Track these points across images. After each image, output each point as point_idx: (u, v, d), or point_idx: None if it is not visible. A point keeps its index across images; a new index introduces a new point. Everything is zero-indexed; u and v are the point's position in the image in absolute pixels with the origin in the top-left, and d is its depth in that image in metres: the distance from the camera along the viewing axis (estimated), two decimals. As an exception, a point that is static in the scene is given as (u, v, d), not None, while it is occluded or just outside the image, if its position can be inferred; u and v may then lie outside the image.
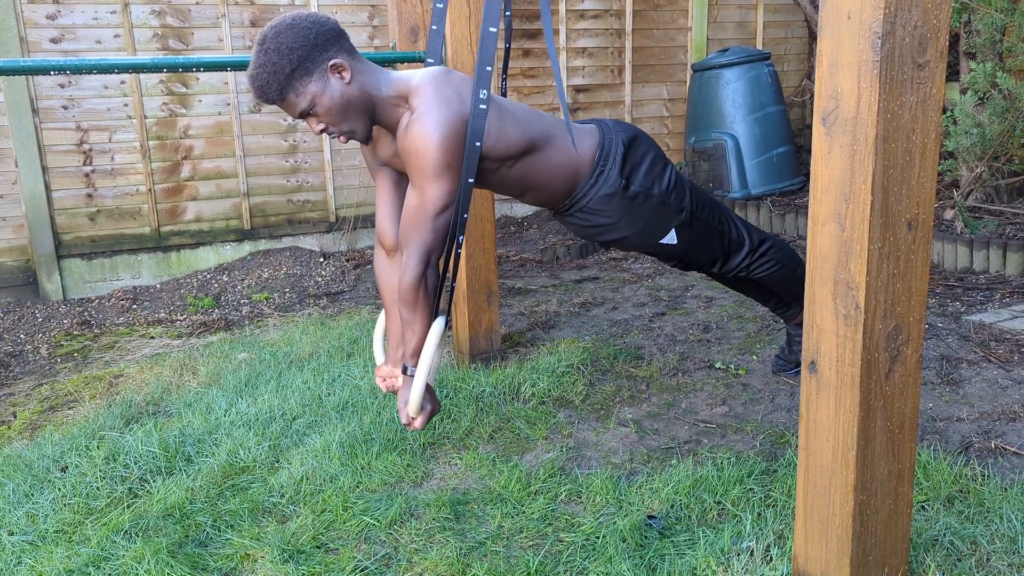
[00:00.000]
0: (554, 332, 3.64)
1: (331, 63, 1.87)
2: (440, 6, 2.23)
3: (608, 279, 4.58)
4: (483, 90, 1.94)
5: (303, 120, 1.95)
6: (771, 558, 1.90)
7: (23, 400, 3.37)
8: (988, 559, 1.88)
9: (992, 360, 2.99)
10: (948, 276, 4.10)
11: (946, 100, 4.56)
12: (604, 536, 2.05)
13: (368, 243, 5.52)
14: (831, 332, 1.60)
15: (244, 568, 2.05)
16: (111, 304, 4.62)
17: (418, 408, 1.97)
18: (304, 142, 5.31)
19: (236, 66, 2.73)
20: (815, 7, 6.05)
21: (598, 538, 2.05)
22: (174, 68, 2.64)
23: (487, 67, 1.95)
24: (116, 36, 4.74)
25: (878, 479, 1.63)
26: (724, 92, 5.69)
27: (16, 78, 4.48)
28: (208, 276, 4.98)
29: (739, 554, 1.92)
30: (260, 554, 2.08)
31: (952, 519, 2.01)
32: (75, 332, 4.27)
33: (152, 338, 4.10)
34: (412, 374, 2.00)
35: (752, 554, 1.91)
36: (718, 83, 5.72)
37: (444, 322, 2.00)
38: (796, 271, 2.56)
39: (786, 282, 2.58)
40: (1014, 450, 2.37)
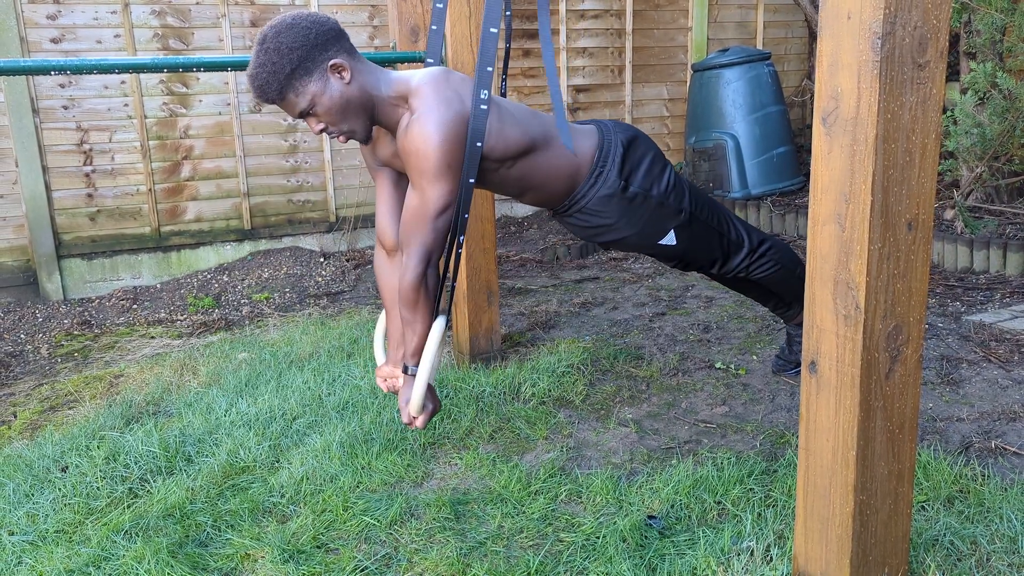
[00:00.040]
0: (554, 332, 3.64)
1: (331, 63, 1.87)
2: (440, 6, 2.23)
3: (608, 279, 4.58)
4: (484, 91, 1.94)
5: (303, 120, 1.95)
6: (771, 558, 1.90)
7: (23, 400, 3.37)
8: (988, 559, 1.88)
9: (992, 360, 2.99)
10: (948, 276, 4.10)
11: (946, 100, 4.56)
12: (604, 536, 2.05)
13: (368, 243, 5.52)
14: (831, 332, 1.60)
15: (244, 568, 2.05)
16: (111, 304, 4.63)
17: (419, 407, 1.97)
18: (304, 142, 5.31)
19: (236, 66, 2.73)
20: (815, 7, 6.05)
21: (598, 538, 2.06)
22: (174, 68, 2.64)
23: (488, 67, 1.95)
24: (116, 36, 4.74)
25: (878, 479, 1.64)
26: (724, 92, 5.70)
27: (16, 78, 4.48)
28: (208, 276, 4.98)
29: (739, 554, 1.92)
30: (260, 554, 2.08)
31: (952, 519, 2.01)
32: (75, 332, 4.27)
33: (152, 338, 4.10)
34: (413, 373, 2.01)
35: (752, 554, 1.91)
36: (718, 83, 5.72)
37: (445, 322, 2.01)
38: (795, 271, 2.57)
39: (785, 282, 2.58)
40: (1014, 450, 2.37)
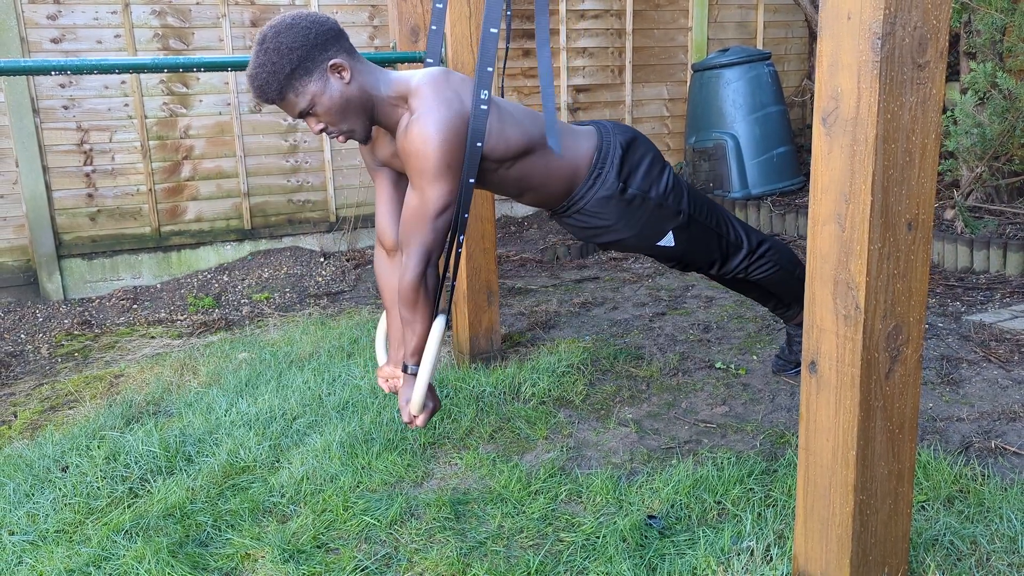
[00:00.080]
0: (554, 332, 3.64)
1: (331, 63, 1.87)
2: (440, 6, 2.23)
3: (608, 279, 4.58)
4: (484, 91, 1.94)
5: (302, 120, 1.95)
6: (771, 558, 1.90)
7: (24, 400, 3.37)
8: (988, 559, 1.88)
9: (992, 360, 2.99)
10: (948, 276, 4.10)
11: (946, 100, 4.56)
12: (604, 536, 2.05)
13: (368, 243, 5.52)
14: (831, 332, 1.60)
15: (244, 568, 2.05)
16: (111, 304, 4.63)
17: (420, 406, 1.97)
18: (304, 142, 5.31)
19: (236, 66, 2.73)
20: (815, 7, 6.05)
21: (598, 538, 2.06)
22: (175, 68, 2.64)
23: (488, 68, 1.95)
24: (117, 36, 4.74)
25: (878, 479, 1.64)
26: (724, 92, 5.69)
27: (17, 78, 4.48)
28: (208, 276, 4.98)
29: (739, 554, 1.92)
30: (260, 554, 2.08)
31: (952, 519, 2.01)
32: (76, 332, 4.27)
33: (152, 338, 4.10)
34: (413, 373, 2.01)
35: (752, 554, 1.91)
36: (718, 83, 5.72)
37: (445, 321, 2.01)
38: (795, 272, 2.57)
39: (785, 283, 2.58)
40: (1014, 450, 2.37)
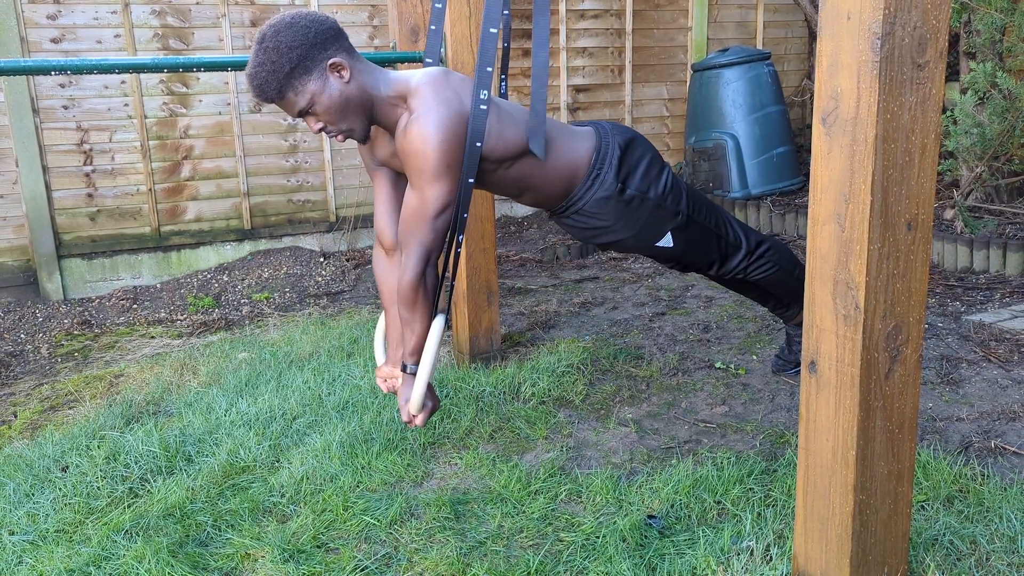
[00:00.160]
0: (554, 332, 3.64)
1: (330, 62, 1.87)
2: (439, 6, 2.23)
3: (608, 279, 4.58)
4: (483, 91, 1.94)
5: (302, 119, 1.95)
6: (771, 558, 1.90)
7: (24, 400, 3.37)
8: (988, 559, 1.88)
9: (992, 360, 2.99)
10: (948, 276, 4.10)
11: (946, 100, 4.56)
12: (604, 536, 2.05)
13: (368, 243, 5.52)
14: (831, 332, 1.60)
15: (245, 568, 2.05)
16: (111, 304, 4.63)
17: (419, 406, 1.97)
18: (304, 142, 5.31)
19: (236, 66, 2.73)
20: (815, 7, 6.05)
21: (598, 538, 2.06)
22: (175, 68, 2.64)
23: (488, 68, 1.95)
24: (116, 36, 4.74)
25: (878, 479, 1.64)
26: (724, 92, 5.70)
27: (17, 78, 4.48)
28: (208, 276, 4.98)
29: (739, 554, 1.92)
30: (260, 554, 2.08)
31: (952, 519, 2.01)
32: (75, 332, 4.27)
33: (152, 338, 4.10)
34: (412, 372, 2.01)
35: (752, 554, 1.91)
36: (718, 83, 5.72)
37: (444, 321, 2.01)
38: (794, 272, 2.56)
39: (784, 284, 2.58)
40: (1014, 450, 2.37)
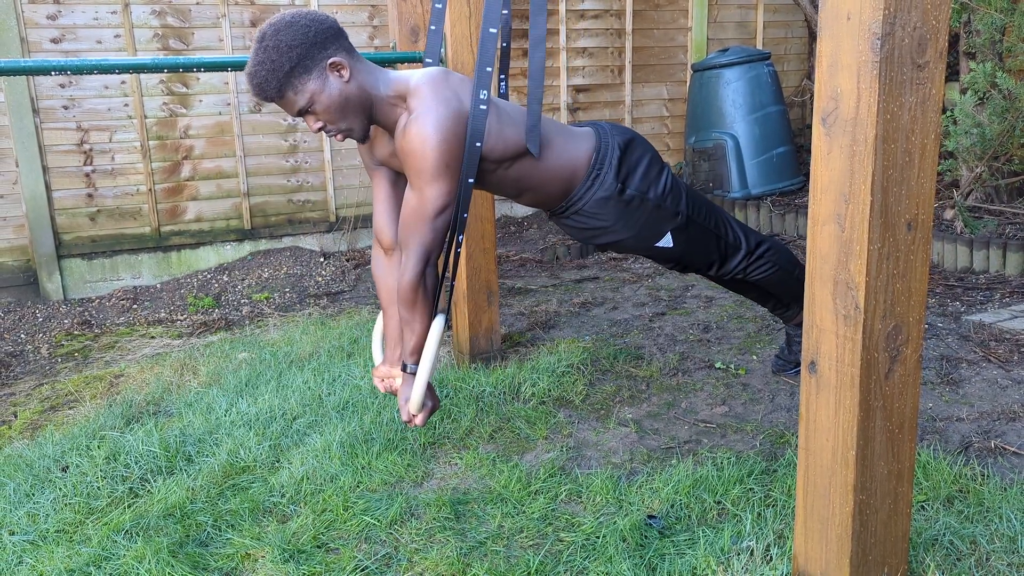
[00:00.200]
0: (554, 332, 3.64)
1: (330, 61, 1.87)
2: (439, 6, 2.23)
3: (608, 279, 4.58)
4: (483, 91, 1.94)
5: (301, 118, 1.95)
6: (771, 558, 1.90)
7: (24, 400, 3.37)
8: (988, 559, 1.88)
9: (992, 360, 3.00)
10: (948, 276, 4.10)
11: (946, 100, 4.56)
12: (604, 536, 2.05)
13: (368, 243, 5.52)
14: (831, 332, 1.60)
15: (245, 568, 2.05)
16: (111, 304, 4.63)
17: (419, 405, 1.97)
18: (304, 142, 5.31)
19: (236, 66, 2.74)
20: (815, 7, 6.05)
21: (598, 538, 2.06)
22: (175, 68, 2.64)
23: (487, 68, 1.96)
24: (117, 36, 4.74)
25: (878, 479, 1.64)
26: (724, 92, 5.70)
27: (17, 78, 4.48)
28: (208, 276, 4.98)
29: (739, 554, 1.92)
30: (261, 554, 2.08)
31: (952, 519, 2.01)
32: (75, 332, 4.27)
33: (152, 338, 4.10)
34: (412, 372, 2.01)
35: (752, 554, 1.92)
36: (718, 83, 5.72)
37: (444, 320, 2.01)
38: (794, 273, 2.56)
39: (784, 284, 2.58)
40: (1014, 450, 2.37)
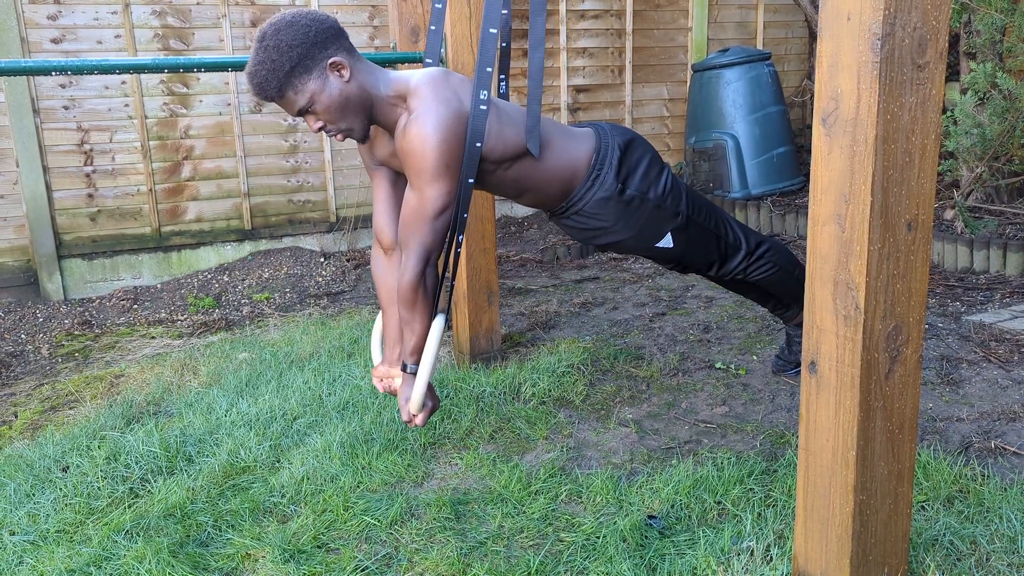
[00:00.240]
0: (554, 332, 3.64)
1: (330, 61, 1.87)
2: (439, 6, 2.23)
3: (608, 279, 4.58)
4: (483, 91, 1.95)
5: (301, 118, 1.95)
6: (771, 558, 1.90)
7: (24, 400, 3.38)
8: (988, 559, 1.88)
9: (992, 360, 3.00)
10: (948, 276, 4.10)
11: (946, 100, 4.56)
12: (604, 536, 2.05)
13: (369, 243, 5.52)
14: (831, 332, 1.60)
15: (245, 568, 2.05)
16: (112, 304, 4.63)
17: (419, 405, 1.97)
18: (305, 142, 5.31)
19: (237, 66, 2.74)
20: (815, 7, 6.05)
21: (598, 538, 2.06)
22: (175, 69, 2.64)
23: (487, 68, 1.96)
24: (117, 36, 4.74)
25: (878, 479, 1.64)
26: (724, 92, 5.70)
27: (17, 78, 4.49)
28: (209, 276, 4.98)
29: (739, 554, 1.92)
30: (261, 554, 2.08)
31: (952, 519, 2.01)
32: (76, 332, 4.27)
33: (153, 338, 4.10)
34: (413, 372, 2.01)
35: (752, 554, 1.92)
36: (718, 83, 5.72)
37: (444, 320, 2.01)
38: (794, 273, 2.57)
39: (784, 284, 2.58)
40: (1014, 450, 2.37)
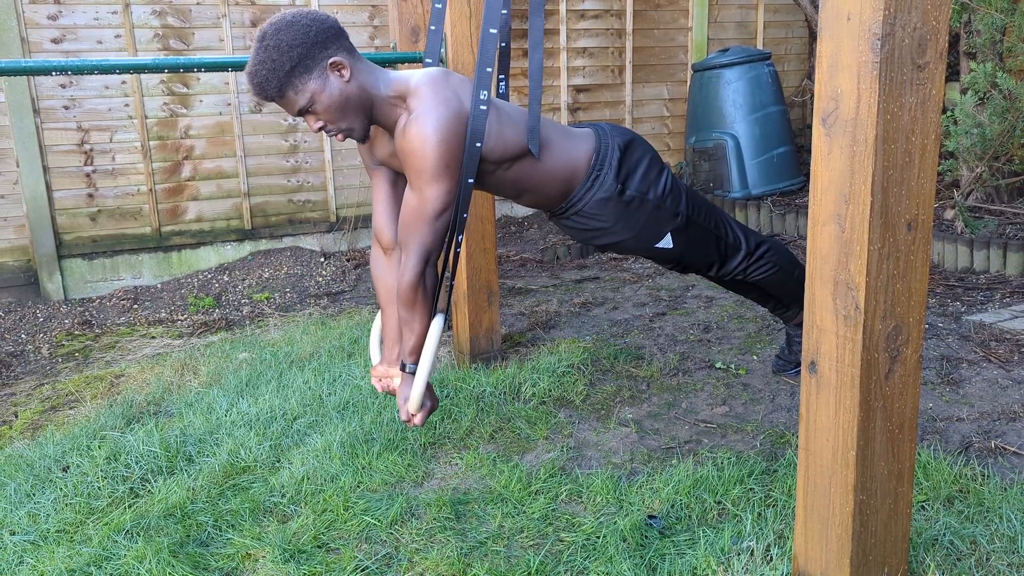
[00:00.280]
0: (555, 332, 3.64)
1: (331, 61, 1.87)
2: (439, 6, 2.23)
3: (608, 279, 4.58)
4: (483, 91, 1.95)
5: (301, 117, 1.95)
6: (771, 558, 1.90)
7: (24, 400, 3.38)
8: (988, 559, 1.88)
9: (992, 360, 3.00)
10: (948, 276, 4.10)
11: (946, 100, 4.56)
12: (604, 536, 2.05)
13: (369, 243, 5.52)
14: (831, 332, 1.60)
15: (245, 568, 2.05)
16: (112, 304, 4.63)
17: (418, 405, 1.98)
18: (305, 142, 5.31)
19: (237, 66, 2.74)
20: (815, 7, 6.05)
21: (598, 538, 2.06)
22: (175, 68, 2.64)
23: (487, 68, 1.96)
24: (117, 36, 4.74)
25: (878, 479, 1.64)
26: (724, 92, 5.70)
27: (17, 78, 4.49)
28: (209, 276, 4.99)
29: (739, 554, 1.92)
30: (261, 554, 2.08)
31: (952, 519, 2.01)
32: (76, 332, 4.28)
33: (153, 338, 4.10)
34: (412, 371, 2.01)
35: (752, 554, 1.92)
36: (718, 83, 5.72)
37: (443, 320, 2.01)
38: (794, 273, 2.56)
39: (784, 284, 2.58)
40: (1014, 450, 2.37)
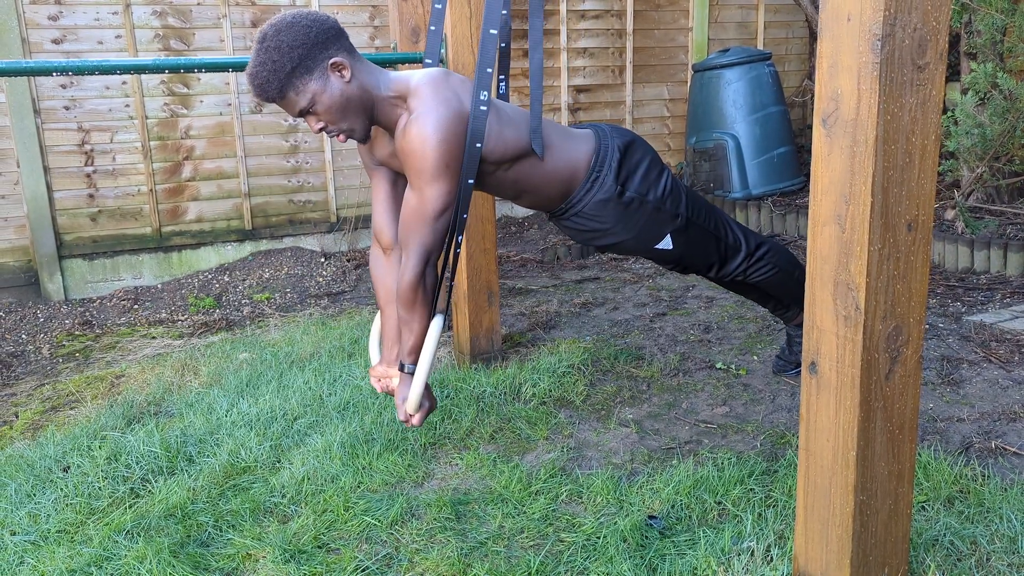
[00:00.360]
0: (555, 332, 3.64)
1: (331, 61, 1.87)
2: (439, 7, 2.23)
3: (609, 279, 4.58)
4: (483, 92, 1.95)
5: (302, 118, 1.95)
6: (771, 558, 1.90)
7: (25, 400, 3.38)
8: (988, 559, 1.88)
9: (993, 360, 3.00)
10: (949, 276, 4.10)
11: (947, 100, 4.56)
12: (605, 536, 2.05)
13: (369, 243, 5.52)
14: (831, 333, 1.60)
15: (246, 568, 2.05)
16: (112, 304, 4.63)
17: (417, 405, 1.98)
18: (305, 142, 5.31)
19: (237, 67, 2.74)
20: (816, 8, 6.05)
21: (599, 538, 2.06)
22: (176, 69, 2.64)
23: (488, 69, 1.96)
24: (118, 37, 4.75)
25: (878, 479, 1.64)
26: (725, 92, 5.70)
27: (18, 79, 4.49)
28: (209, 276, 4.99)
29: (739, 554, 1.92)
30: (262, 554, 2.08)
31: (952, 519, 2.01)
32: (77, 332, 4.28)
33: (153, 338, 4.11)
34: (410, 371, 2.01)
35: (752, 554, 1.92)
36: (719, 83, 5.72)
37: (442, 320, 2.01)
38: (794, 274, 2.56)
39: (784, 285, 2.58)
40: (1014, 450, 2.37)
